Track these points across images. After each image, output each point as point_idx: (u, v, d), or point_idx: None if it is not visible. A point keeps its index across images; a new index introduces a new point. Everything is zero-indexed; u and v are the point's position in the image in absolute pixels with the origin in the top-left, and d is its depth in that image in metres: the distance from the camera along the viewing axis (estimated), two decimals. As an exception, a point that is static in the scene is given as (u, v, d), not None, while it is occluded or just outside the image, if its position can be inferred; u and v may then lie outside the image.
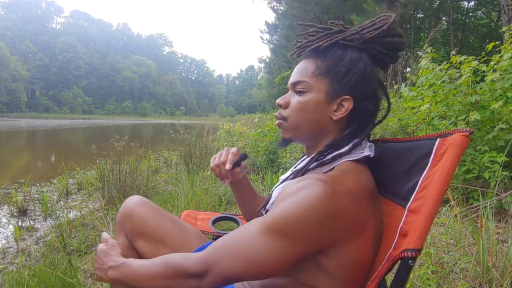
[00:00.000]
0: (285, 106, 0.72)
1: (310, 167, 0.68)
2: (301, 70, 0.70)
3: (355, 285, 0.62)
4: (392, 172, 0.68)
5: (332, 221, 0.56)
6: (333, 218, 0.56)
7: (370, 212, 0.61)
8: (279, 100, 0.74)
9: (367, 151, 0.68)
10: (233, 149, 0.87)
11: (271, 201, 0.74)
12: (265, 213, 0.76)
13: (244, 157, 0.88)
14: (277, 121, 0.74)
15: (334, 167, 0.66)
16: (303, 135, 0.72)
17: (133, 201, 0.94)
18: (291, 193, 0.59)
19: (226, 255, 0.60)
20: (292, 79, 0.72)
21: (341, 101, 0.67)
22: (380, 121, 0.73)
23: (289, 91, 0.74)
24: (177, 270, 0.63)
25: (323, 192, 0.55)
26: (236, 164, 0.87)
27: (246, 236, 0.60)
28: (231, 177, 0.90)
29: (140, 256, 0.91)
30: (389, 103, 0.75)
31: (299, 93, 0.70)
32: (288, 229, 0.56)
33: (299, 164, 0.81)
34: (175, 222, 0.93)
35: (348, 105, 0.67)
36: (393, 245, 0.59)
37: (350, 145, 0.66)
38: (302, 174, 0.68)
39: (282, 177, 0.80)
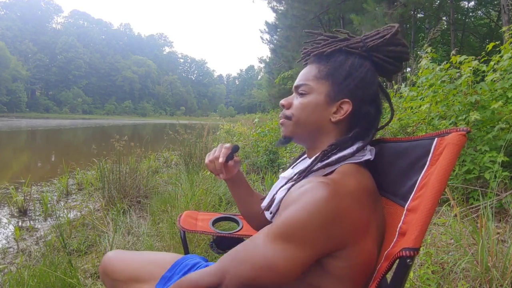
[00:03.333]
0: (288, 106, 0.76)
1: (314, 168, 0.69)
2: (304, 74, 0.74)
3: (359, 285, 0.63)
4: (391, 172, 0.69)
5: (336, 223, 0.56)
6: (337, 220, 0.56)
7: (372, 213, 0.62)
8: (282, 101, 0.77)
9: (368, 154, 0.69)
10: (227, 145, 0.90)
11: (275, 203, 0.75)
12: (270, 214, 0.77)
13: (236, 149, 0.90)
14: (280, 120, 0.77)
15: (336, 169, 0.67)
16: (303, 134, 0.74)
17: (107, 257, 0.99)
18: (295, 198, 0.60)
19: (237, 263, 0.61)
20: (295, 82, 0.75)
21: (340, 103, 0.69)
22: (383, 126, 0.75)
23: (293, 94, 0.77)
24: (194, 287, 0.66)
25: (325, 195, 0.56)
26: (229, 157, 0.89)
27: (255, 244, 0.61)
28: (226, 173, 0.92)
29: None
30: (392, 110, 0.76)
31: (301, 95, 0.73)
32: (295, 234, 0.57)
33: (298, 163, 0.81)
34: (149, 260, 0.96)
35: (347, 108, 0.69)
36: (392, 244, 0.59)
37: (354, 148, 0.68)
38: (306, 175, 0.69)
39: (283, 174, 0.80)
